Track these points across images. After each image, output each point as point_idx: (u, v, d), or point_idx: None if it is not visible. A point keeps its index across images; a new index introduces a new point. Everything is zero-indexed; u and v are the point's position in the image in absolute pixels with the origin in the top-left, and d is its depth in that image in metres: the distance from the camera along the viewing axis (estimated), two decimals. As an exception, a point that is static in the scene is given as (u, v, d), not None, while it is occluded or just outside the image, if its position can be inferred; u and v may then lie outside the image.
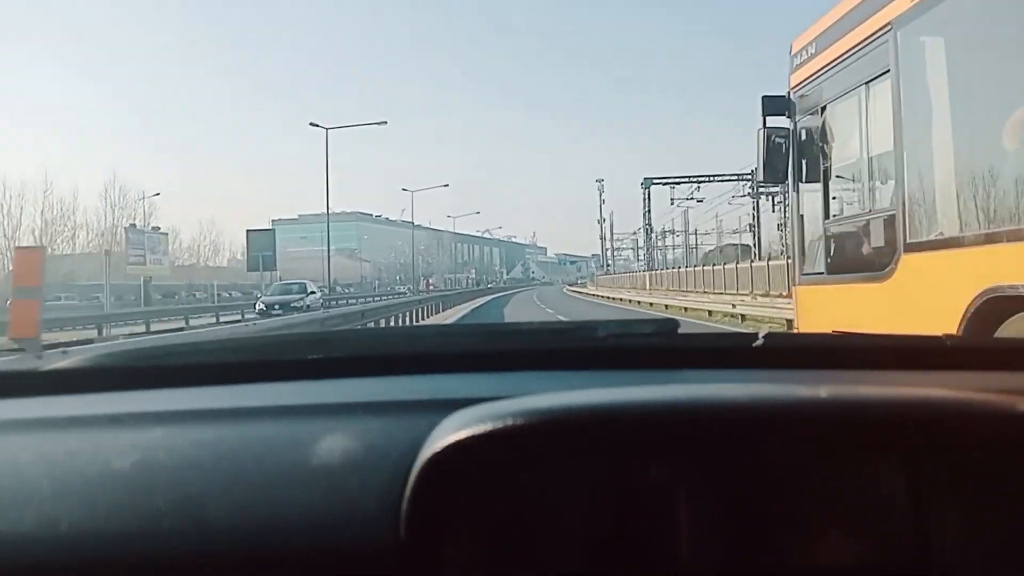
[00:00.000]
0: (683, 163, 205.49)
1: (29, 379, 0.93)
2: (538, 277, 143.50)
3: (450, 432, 0.63)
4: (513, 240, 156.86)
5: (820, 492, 0.64)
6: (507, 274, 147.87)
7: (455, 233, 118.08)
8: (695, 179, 55.97)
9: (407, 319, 23.43)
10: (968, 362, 0.95)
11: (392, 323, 20.70)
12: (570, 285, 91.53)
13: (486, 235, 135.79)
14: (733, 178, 52.31)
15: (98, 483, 0.65)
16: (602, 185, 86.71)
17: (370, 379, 0.91)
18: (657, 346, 1.03)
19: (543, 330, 1.17)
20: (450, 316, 29.80)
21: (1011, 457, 0.63)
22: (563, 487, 0.63)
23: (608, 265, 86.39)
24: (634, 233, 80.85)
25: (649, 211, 60.12)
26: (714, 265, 37.93)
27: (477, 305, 39.92)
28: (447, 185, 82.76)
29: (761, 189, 48.25)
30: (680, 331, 1.04)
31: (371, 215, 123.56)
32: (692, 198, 57.35)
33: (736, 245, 58.77)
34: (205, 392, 0.85)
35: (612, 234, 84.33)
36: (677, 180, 56.92)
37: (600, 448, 0.63)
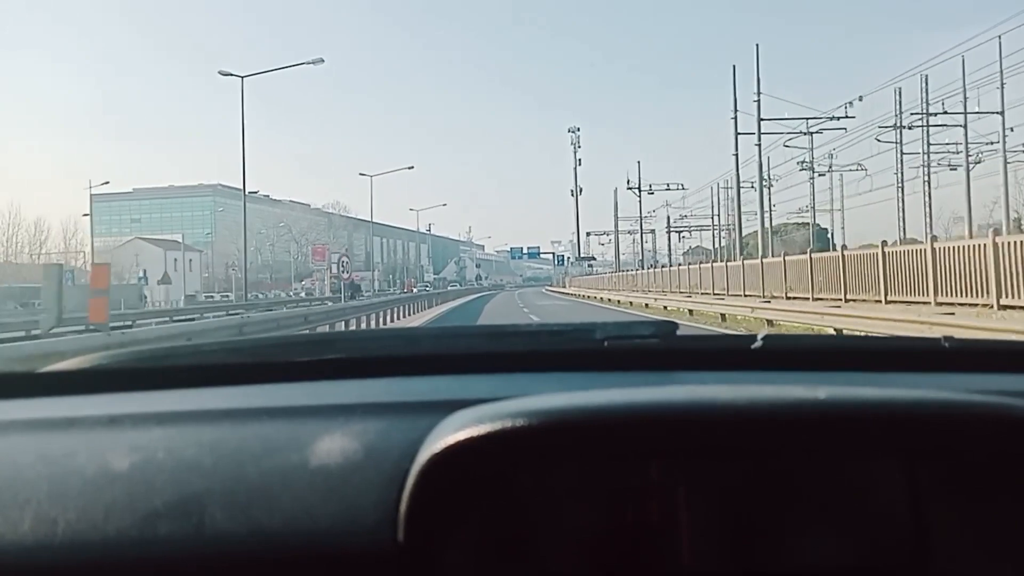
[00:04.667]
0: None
1: (28, 380, 0.94)
2: (481, 277, 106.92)
3: (449, 433, 0.63)
4: (434, 231, 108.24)
5: (819, 493, 0.64)
6: (435, 274, 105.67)
7: (353, 218, 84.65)
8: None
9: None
10: (966, 364, 0.95)
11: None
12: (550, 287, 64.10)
13: (422, 229, 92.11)
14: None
15: (97, 484, 0.65)
16: (577, 137, 61.41)
17: (368, 380, 0.91)
18: (656, 348, 1.02)
19: (542, 332, 1.17)
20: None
21: (1010, 458, 0.63)
22: (562, 488, 0.63)
23: (589, 259, 62.38)
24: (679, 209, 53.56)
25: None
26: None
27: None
28: (412, 167, 55.71)
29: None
30: (679, 333, 1.04)
31: (237, 190, 72.15)
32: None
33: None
34: (204, 393, 0.85)
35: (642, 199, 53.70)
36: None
37: (599, 449, 0.63)
